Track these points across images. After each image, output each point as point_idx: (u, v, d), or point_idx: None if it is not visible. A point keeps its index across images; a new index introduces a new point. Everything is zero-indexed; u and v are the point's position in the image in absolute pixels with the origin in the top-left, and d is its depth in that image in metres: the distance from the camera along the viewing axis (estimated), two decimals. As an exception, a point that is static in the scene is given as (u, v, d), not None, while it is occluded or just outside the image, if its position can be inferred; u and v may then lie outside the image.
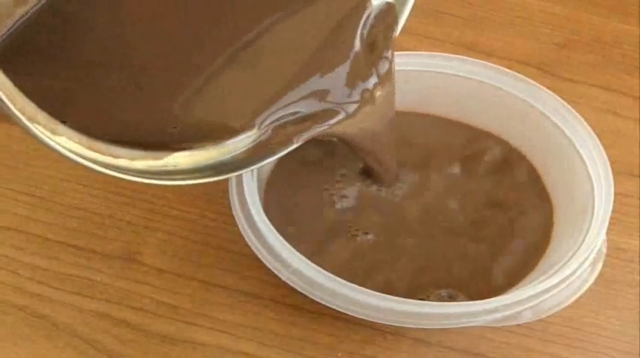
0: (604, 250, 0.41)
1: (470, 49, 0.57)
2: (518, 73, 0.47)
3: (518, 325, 0.41)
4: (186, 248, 0.45)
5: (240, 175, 0.41)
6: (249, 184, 0.41)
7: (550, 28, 0.60)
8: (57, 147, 0.34)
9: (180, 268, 0.45)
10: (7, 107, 0.31)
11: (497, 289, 0.41)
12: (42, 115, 0.34)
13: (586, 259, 0.40)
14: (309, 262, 0.39)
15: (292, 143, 0.40)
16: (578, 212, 0.43)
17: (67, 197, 0.47)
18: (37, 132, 0.33)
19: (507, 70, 0.48)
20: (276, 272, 0.39)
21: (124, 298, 0.43)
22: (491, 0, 0.62)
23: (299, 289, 0.39)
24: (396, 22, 0.43)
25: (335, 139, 0.43)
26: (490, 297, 0.39)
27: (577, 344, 0.43)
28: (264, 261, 0.39)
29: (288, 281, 0.39)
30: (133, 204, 0.47)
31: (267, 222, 0.40)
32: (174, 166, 0.38)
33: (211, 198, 0.47)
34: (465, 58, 0.48)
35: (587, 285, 0.40)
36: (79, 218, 0.46)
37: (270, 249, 0.39)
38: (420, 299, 0.40)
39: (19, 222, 0.46)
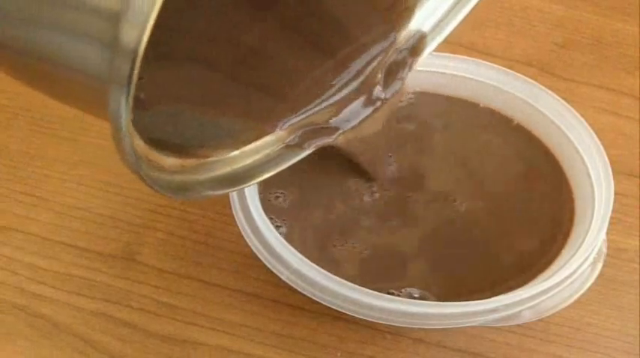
0: (604, 250, 0.41)
1: (470, 49, 0.57)
2: (518, 73, 0.47)
3: (518, 325, 0.41)
4: (186, 248, 0.45)
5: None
6: (249, 184, 0.41)
7: (550, 28, 0.60)
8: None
9: (180, 268, 0.45)
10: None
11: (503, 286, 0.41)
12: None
13: (586, 259, 0.40)
14: (309, 262, 0.39)
15: (305, 149, 0.41)
16: (578, 212, 0.43)
17: (67, 197, 0.47)
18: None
19: (507, 70, 0.48)
20: (276, 272, 0.39)
21: (124, 298, 0.43)
22: (491, 0, 0.61)
23: (299, 289, 0.39)
24: (421, 53, 0.44)
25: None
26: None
27: (577, 344, 0.43)
28: (264, 261, 0.39)
29: (288, 281, 0.39)
30: (133, 204, 0.47)
31: (268, 221, 0.40)
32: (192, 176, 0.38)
33: (211, 199, 0.47)
34: (465, 57, 0.48)
35: (587, 285, 0.40)
36: (79, 218, 0.46)
37: (270, 249, 0.39)
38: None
39: (19, 222, 0.46)
